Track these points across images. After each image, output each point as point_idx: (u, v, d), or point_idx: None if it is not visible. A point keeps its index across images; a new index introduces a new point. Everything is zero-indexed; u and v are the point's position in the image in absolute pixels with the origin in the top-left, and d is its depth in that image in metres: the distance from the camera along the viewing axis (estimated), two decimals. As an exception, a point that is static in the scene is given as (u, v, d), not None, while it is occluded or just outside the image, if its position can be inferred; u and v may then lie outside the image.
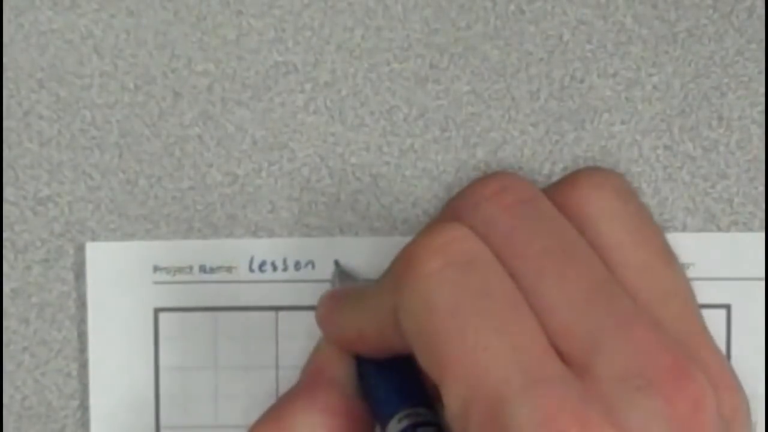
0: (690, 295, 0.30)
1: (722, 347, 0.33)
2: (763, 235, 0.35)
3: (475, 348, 0.26)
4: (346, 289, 0.33)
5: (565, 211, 0.29)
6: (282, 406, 0.31)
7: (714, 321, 0.34)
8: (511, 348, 0.26)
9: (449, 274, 0.27)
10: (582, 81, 0.35)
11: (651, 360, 0.26)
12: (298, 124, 0.35)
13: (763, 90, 0.35)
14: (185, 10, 0.35)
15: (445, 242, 0.28)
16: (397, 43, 0.35)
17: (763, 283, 0.35)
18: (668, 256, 0.30)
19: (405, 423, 0.30)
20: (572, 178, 0.30)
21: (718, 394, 0.26)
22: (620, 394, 0.26)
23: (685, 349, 0.27)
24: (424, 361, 0.27)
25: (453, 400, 0.26)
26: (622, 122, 0.35)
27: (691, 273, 0.35)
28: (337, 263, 0.35)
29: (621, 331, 0.26)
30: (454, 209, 0.29)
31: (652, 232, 0.30)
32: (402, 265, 0.28)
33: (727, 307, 0.35)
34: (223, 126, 0.35)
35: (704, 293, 0.34)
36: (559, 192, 0.30)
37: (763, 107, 0.35)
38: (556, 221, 0.29)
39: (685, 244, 0.35)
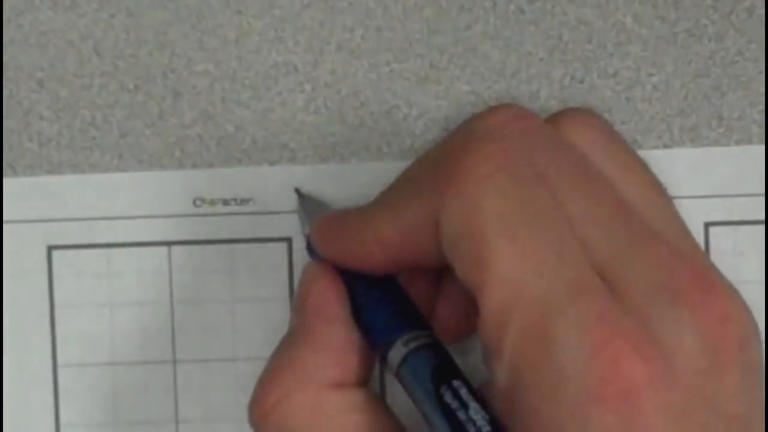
0: (683, 222, 0.30)
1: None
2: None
3: (523, 254, 0.26)
4: (345, 209, 0.32)
5: None
6: (288, 352, 0.30)
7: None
8: (556, 259, 0.26)
9: (500, 180, 0.27)
10: (582, 81, 0.35)
11: (676, 273, 0.27)
12: (298, 124, 0.35)
13: (763, 90, 0.35)
14: (185, 10, 0.35)
15: (497, 149, 0.28)
16: (397, 43, 0.35)
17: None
18: (659, 186, 0.31)
19: (414, 344, 0.29)
20: (557, 118, 0.31)
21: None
22: (651, 306, 0.26)
23: (706, 264, 0.27)
24: (463, 266, 0.27)
25: (492, 306, 0.26)
26: (622, 122, 0.35)
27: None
28: (298, 191, 0.34)
29: (645, 247, 0.27)
30: (470, 132, 0.29)
31: (641, 165, 0.31)
32: (451, 167, 0.28)
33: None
34: (223, 126, 0.35)
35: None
36: (544, 123, 0.30)
37: (763, 107, 0.35)
38: (568, 147, 0.29)
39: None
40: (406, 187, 0.30)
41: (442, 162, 0.29)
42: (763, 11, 0.35)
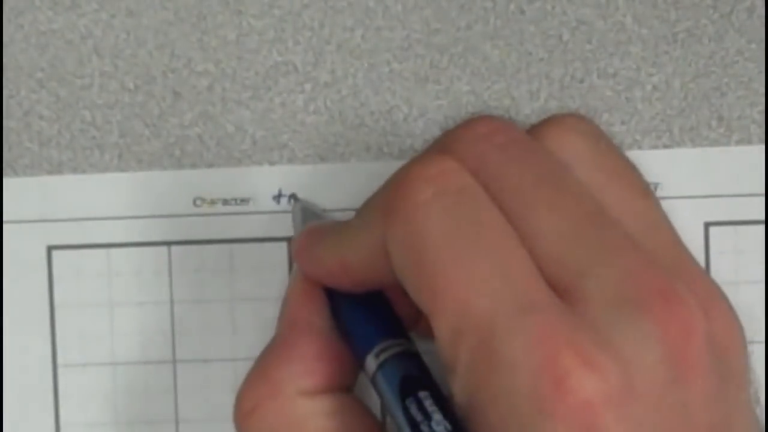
0: (670, 225, 0.30)
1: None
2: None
3: (466, 277, 0.26)
4: (326, 224, 0.32)
5: None
6: (265, 361, 0.31)
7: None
8: (502, 277, 0.26)
9: (440, 204, 0.27)
10: (582, 81, 0.35)
11: (640, 284, 0.26)
12: (298, 124, 0.35)
13: (763, 90, 0.35)
14: (185, 10, 0.35)
15: (437, 172, 0.28)
16: (397, 43, 0.35)
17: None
18: (645, 188, 0.31)
19: (386, 355, 0.29)
20: (542, 126, 0.31)
21: (711, 321, 0.26)
22: (611, 318, 0.26)
23: (674, 274, 0.27)
24: (413, 291, 0.27)
25: (444, 329, 0.26)
26: (622, 122, 0.35)
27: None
28: (295, 197, 0.34)
29: (610, 258, 0.27)
30: (444, 145, 0.29)
31: (625, 168, 0.31)
32: (392, 195, 0.28)
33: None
34: (223, 126, 0.35)
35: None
36: (534, 138, 0.30)
37: (763, 107, 0.35)
38: (545, 158, 0.29)
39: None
40: (365, 212, 0.30)
41: (389, 186, 0.29)
42: (763, 11, 0.35)
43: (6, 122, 0.35)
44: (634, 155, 0.33)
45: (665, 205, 0.31)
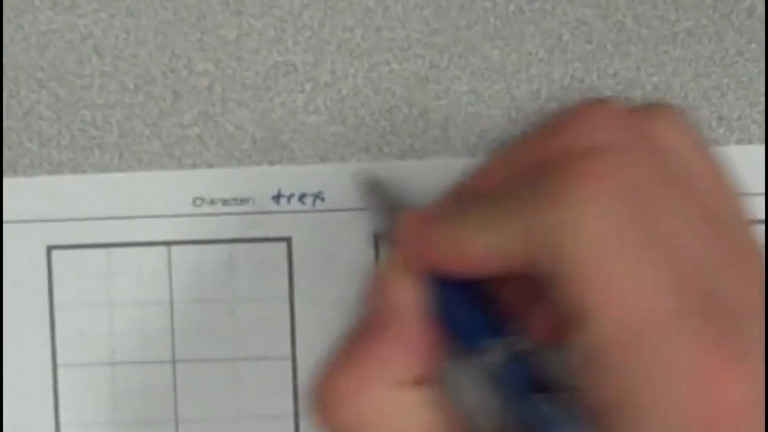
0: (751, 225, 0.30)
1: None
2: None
3: (639, 271, 0.26)
4: (438, 212, 0.31)
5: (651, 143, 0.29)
6: (356, 349, 0.30)
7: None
8: (670, 274, 0.26)
9: (604, 200, 0.27)
10: (582, 81, 0.35)
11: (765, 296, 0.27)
12: (298, 124, 0.35)
13: (763, 90, 0.35)
14: (185, 10, 0.35)
15: (614, 167, 0.28)
16: (397, 43, 0.35)
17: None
18: (739, 192, 0.31)
19: (509, 349, 0.29)
20: (648, 117, 0.30)
21: None
22: (753, 327, 0.26)
23: None
24: (573, 283, 0.27)
25: (606, 325, 0.26)
26: (622, 122, 0.35)
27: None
28: (368, 181, 0.34)
29: (740, 265, 0.27)
30: (565, 140, 0.29)
31: (724, 170, 0.31)
32: (552, 188, 0.28)
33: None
34: (223, 126, 0.35)
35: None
36: (637, 124, 0.30)
37: (763, 107, 0.35)
38: (664, 154, 0.29)
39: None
40: (505, 201, 0.29)
41: (542, 181, 0.28)
42: (763, 11, 0.35)
43: (6, 122, 0.35)
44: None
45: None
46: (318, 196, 0.35)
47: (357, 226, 0.35)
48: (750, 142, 0.35)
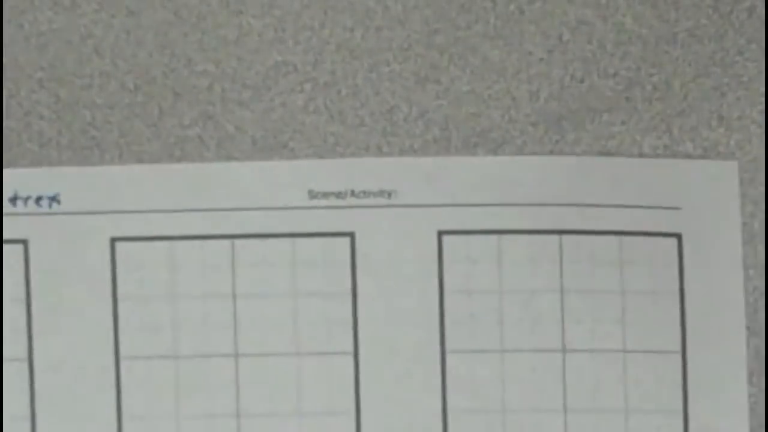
0: None
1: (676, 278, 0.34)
2: (734, 164, 0.35)
3: None
4: None
5: None
6: None
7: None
8: None
9: None
10: (582, 81, 0.35)
11: None
12: (298, 124, 0.35)
13: (763, 90, 0.35)
14: (185, 10, 0.35)
15: None
16: (397, 43, 0.35)
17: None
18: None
19: None
20: None
21: None
22: None
23: None
24: None
25: None
26: (622, 122, 0.35)
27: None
28: None
29: None
30: None
31: None
32: None
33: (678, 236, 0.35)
34: (223, 126, 0.35)
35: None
36: None
37: (763, 107, 0.35)
38: None
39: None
40: None
41: None
42: (763, 11, 0.35)
43: (6, 122, 0.35)
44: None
45: (400, 212, 0.34)
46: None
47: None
48: (750, 142, 0.35)
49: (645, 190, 0.35)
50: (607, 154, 0.35)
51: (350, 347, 0.35)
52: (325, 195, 0.35)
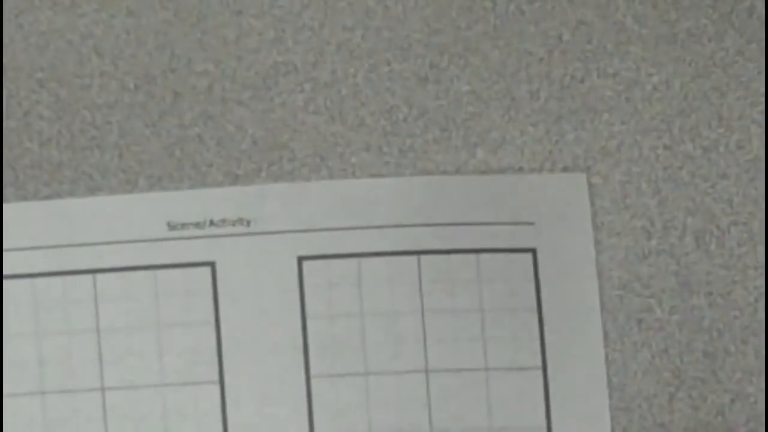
0: None
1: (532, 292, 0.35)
2: (582, 176, 0.35)
3: None
4: None
5: None
6: None
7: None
8: None
9: None
10: (582, 81, 0.35)
11: None
12: (298, 124, 0.35)
13: (763, 90, 0.35)
14: (185, 10, 0.35)
15: None
16: (397, 43, 0.35)
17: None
18: None
19: None
20: None
21: None
22: None
23: None
24: None
25: None
26: (622, 122, 0.35)
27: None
28: None
29: None
30: None
31: None
32: None
33: (533, 251, 0.35)
34: (223, 126, 0.35)
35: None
36: None
37: (763, 107, 0.35)
38: None
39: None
40: None
41: None
42: (763, 11, 0.35)
43: (6, 122, 0.35)
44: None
45: (259, 240, 0.34)
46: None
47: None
48: (750, 142, 0.35)
49: (498, 206, 0.35)
50: (607, 154, 0.35)
51: (216, 376, 0.34)
52: (184, 226, 0.35)
